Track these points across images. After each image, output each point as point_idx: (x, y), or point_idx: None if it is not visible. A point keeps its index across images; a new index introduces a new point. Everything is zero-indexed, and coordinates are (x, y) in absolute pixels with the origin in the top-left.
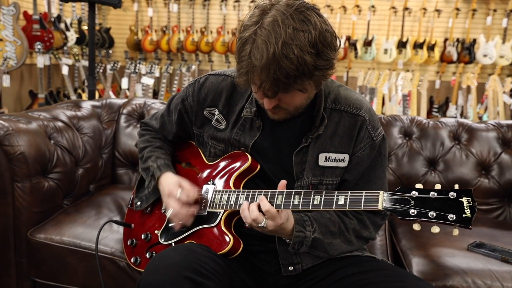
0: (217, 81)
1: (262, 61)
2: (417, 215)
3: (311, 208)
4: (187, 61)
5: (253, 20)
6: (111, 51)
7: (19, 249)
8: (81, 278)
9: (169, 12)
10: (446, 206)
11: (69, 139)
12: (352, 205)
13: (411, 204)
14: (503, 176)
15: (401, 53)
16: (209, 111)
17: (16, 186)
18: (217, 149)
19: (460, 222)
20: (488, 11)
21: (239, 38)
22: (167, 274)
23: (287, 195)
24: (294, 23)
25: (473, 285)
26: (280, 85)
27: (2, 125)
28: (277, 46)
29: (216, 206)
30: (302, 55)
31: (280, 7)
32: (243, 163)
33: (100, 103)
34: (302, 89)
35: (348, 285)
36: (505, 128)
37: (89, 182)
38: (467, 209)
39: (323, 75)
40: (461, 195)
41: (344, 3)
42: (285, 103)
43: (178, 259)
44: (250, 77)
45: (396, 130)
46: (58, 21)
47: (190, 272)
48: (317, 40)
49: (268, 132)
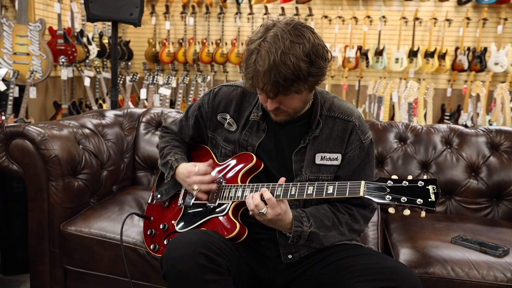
0: (229, 90)
1: (265, 67)
2: (391, 200)
3: (305, 197)
4: (202, 72)
5: (258, 36)
6: (130, 63)
7: (52, 240)
8: (107, 265)
9: (185, 25)
10: (415, 192)
11: (95, 144)
12: (339, 193)
13: (387, 191)
14: (491, 178)
15: (412, 62)
16: (222, 116)
17: (51, 185)
18: (227, 150)
19: (427, 205)
20: (499, 20)
21: (246, 50)
22: (186, 249)
23: (286, 187)
24: (291, 37)
25: (452, 272)
26: (279, 87)
27: (39, 132)
28: (277, 55)
29: (225, 198)
30: (297, 62)
31: (281, 25)
32: (249, 162)
33: (122, 112)
34: (298, 91)
35: (337, 267)
36: (494, 133)
37: (112, 183)
38: (432, 195)
39: (315, 81)
40: (428, 184)
41: (355, 14)
42: (285, 105)
43: (195, 238)
44: (255, 80)
45: (392, 135)
46: (80, 36)
47: (205, 249)
48: (310, 51)
49: (272, 134)
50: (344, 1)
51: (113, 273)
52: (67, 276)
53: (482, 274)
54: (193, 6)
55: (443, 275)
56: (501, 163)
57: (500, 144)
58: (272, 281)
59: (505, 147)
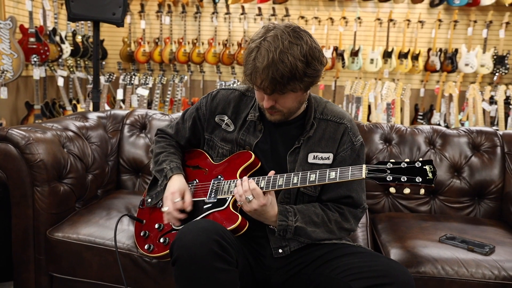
0: (227, 93)
1: (263, 64)
2: (392, 180)
3: (308, 184)
4: (179, 72)
5: (259, 36)
6: (104, 62)
7: (37, 246)
8: (96, 271)
9: (161, 24)
10: (413, 172)
11: (79, 148)
12: (342, 177)
13: (387, 172)
14: (473, 177)
15: (387, 62)
16: (220, 117)
17: (36, 190)
18: (225, 149)
19: (425, 182)
20: (469, 22)
21: (247, 48)
22: (200, 235)
23: (287, 177)
24: (290, 38)
25: (442, 271)
26: (276, 84)
27: (23, 135)
28: (276, 53)
29: (224, 193)
30: (294, 62)
31: (280, 27)
32: (248, 159)
33: (105, 114)
34: (293, 90)
35: (331, 266)
36: (475, 134)
37: (97, 187)
38: (430, 173)
39: (311, 82)
40: (424, 164)
41: (331, 15)
42: (280, 104)
43: (208, 225)
44: (253, 76)
45: (377, 136)
46: (53, 34)
47: (218, 236)
48: (307, 53)
49: (268, 134)
50: (320, 2)
51: (102, 279)
52: (53, 283)
53: (471, 272)
54: (169, 5)
55: (434, 274)
56: (482, 163)
57: (481, 145)
58: (267, 279)
59: (485, 147)
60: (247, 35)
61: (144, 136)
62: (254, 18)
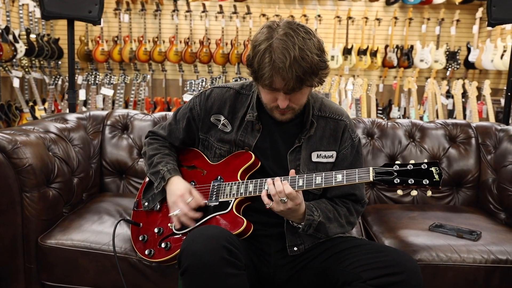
0: (222, 92)
1: (286, 63)
2: (400, 182)
3: (314, 187)
4: (140, 71)
5: (264, 36)
6: (60, 62)
7: (27, 255)
8: (92, 278)
9: (120, 22)
10: (420, 174)
11: (64, 150)
12: (349, 180)
13: (394, 175)
14: (451, 167)
15: (347, 59)
16: (215, 117)
17: (25, 196)
18: (223, 150)
19: (432, 184)
20: (422, 20)
21: (255, 53)
22: (209, 243)
23: (292, 179)
24: (302, 34)
25: (437, 258)
26: (299, 82)
27: (9, 139)
28: (296, 51)
29: (227, 196)
30: (312, 56)
31: (284, 24)
32: (248, 160)
33: (85, 115)
34: (311, 84)
35: (339, 259)
36: (451, 126)
37: (83, 190)
38: (436, 175)
39: (323, 74)
40: (430, 166)
41: (292, 13)
42: (293, 101)
43: (216, 231)
44: (274, 78)
45: (360, 131)
46: (6, 33)
47: (227, 242)
48: (319, 46)
49: (266, 134)
50: (281, 0)
51: (99, 286)
52: None
53: (463, 257)
54: (127, 2)
55: (430, 261)
56: (459, 154)
57: (457, 137)
58: (272, 277)
59: (461, 139)
60: (208, 32)
61: (126, 137)
62: (215, 16)
